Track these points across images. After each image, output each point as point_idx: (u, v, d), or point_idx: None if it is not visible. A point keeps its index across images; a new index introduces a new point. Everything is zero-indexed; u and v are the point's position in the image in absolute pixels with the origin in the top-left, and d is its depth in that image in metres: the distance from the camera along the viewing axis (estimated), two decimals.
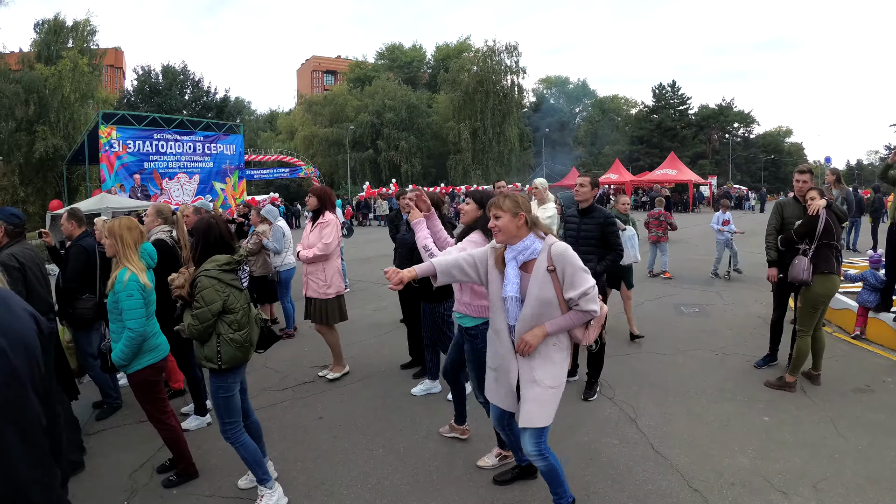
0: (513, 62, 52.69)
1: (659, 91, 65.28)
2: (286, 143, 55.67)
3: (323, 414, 5.11)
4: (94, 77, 36.37)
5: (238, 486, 3.92)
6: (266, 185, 44.23)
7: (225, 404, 3.58)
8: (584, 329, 3.05)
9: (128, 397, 5.22)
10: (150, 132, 26.21)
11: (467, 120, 50.60)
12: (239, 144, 29.86)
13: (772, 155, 67.18)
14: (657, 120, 63.06)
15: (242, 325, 3.57)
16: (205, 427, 4.91)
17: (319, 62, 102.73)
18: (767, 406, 4.90)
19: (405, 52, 66.47)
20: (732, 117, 66.28)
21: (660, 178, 39.23)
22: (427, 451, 4.31)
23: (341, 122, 52.44)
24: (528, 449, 3.13)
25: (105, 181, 24.38)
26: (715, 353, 6.39)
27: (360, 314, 8.61)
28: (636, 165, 55.18)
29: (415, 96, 55.96)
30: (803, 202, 5.30)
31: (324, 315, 5.73)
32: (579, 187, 5.23)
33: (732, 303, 8.95)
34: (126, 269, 3.79)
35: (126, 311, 3.72)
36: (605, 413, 4.86)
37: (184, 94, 51.94)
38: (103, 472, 4.18)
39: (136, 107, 46.00)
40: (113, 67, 68.55)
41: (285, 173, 40.28)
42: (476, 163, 50.62)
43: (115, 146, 24.64)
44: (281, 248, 7.75)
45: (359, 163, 51.73)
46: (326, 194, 5.96)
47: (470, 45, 60.00)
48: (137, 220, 6.14)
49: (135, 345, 3.77)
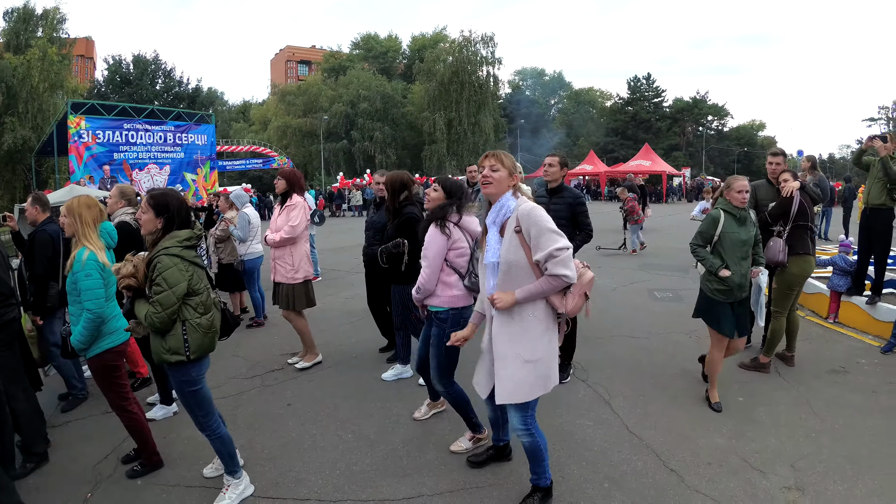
0: (489, 53, 52.63)
1: (634, 83, 65.86)
2: (259, 134, 54.94)
3: (292, 401, 4.98)
4: (64, 66, 35.65)
5: (203, 474, 3.79)
6: (239, 177, 43.74)
7: (194, 398, 3.36)
8: (561, 297, 2.85)
9: (94, 388, 5.00)
10: (120, 122, 25.74)
11: (442, 110, 50.36)
12: (210, 134, 29.41)
13: (745, 148, 68.08)
14: (632, 112, 63.68)
15: (208, 308, 3.29)
16: (171, 416, 4.75)
17: (294, 52, 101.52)
18: (742, 387, 4.89)
19: (381, 43, 65.88)
20: (706, 110, 67.11)
21: (634, 168, 39.45)
22: (398, 435, 4.21)
23: (315, 113, 51.81)
24: (514, 423, 3.05)
25: (74, 172, 23.88)
26: (689, 336, 6.40)
27: (332, 302, 8.51)
28: (611, 157, 55.65)
29: (390, 86, 55.53)
30: (776, 185, 5.30)
31: (291, 300, 5.59)
32: (548, 167, 5.18)
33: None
34: (85, 249, 3.64)
35: (84, 291, 3.56)
36: (579, 395, 4.80)
37: (155, 84, 51.27)
38: (67, 465, 4.05)
39: (107, 97, 45.21)
40: (83, 57, 67.08)
41: (258, 164, 39.67)
42: (451, 153, 50.48)
43: (84, 137, 24.18)
44: (245, 235, 7.52)
45: (333, 153, 51.29)
46: (295, 177, 5.79)
47: (446, 36, 59.76)
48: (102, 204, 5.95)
49: (94, 327, 3.60)
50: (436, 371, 3.81)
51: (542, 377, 2.92)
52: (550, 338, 2.93)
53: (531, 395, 2.93)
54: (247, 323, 7.56)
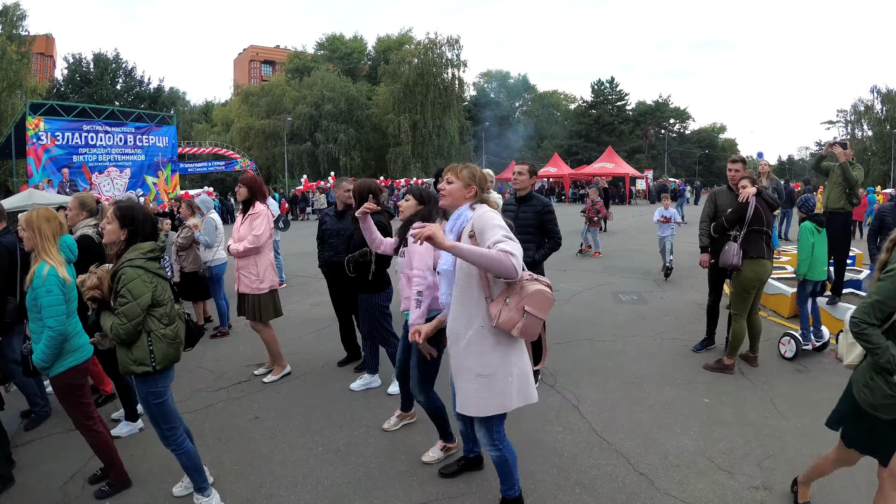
0: (454, 55, 52.74)
1: (598, 87, 66.87)
2: (222, 136, 54.04)
3: (259, 414, 4.90)
4: (23, 65, 34.85)
5: (173, 493, 3.70)
6: (200, 179, 42.96)
7: (159, 410, 3.33)
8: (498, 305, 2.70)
9: (57, 405, 4.82)
10: (80, 123, 25.11)
11: (407, 113, 50.32)
12: (172, 136, 28.87)
13: (706, 150, 69.66)
14: (595, 115, 64.66)
15: (172, 319, 3.30)
16: (136, 433, 4.64)
17: (258, 52, 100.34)
18: (707, 388, 4.98)
19: (345, 44, 65.50)
20: (669, 113, 68.59)
21: (597, 171, 40.02)
22: (368, 447, 4.18)
23: (279, 114, 51.23)
24: (480, 437, 3.05)
25: (32, 176, 23.16)
26: (654, 338, 6.49)
27: (297, 310, 8.42)
28: (574, 159, 56.30)
29: (354, 88, 55.29)
30: (736, 191, 5.41)
31: (257, 311, 5.49)
32: (517, 175, 5.23)
33: (669, 290, 9.15)
34: (45, 263, 3.53)
35: (45, 307, 3.45)
36: (548, 401, 4.81)
37: (116, 83, 50.29)
38: (34, 485, 3.93)
39: (66, 97, 44.06)
40: (43, 55, 65.11)
41: (220, 166, 39.05)
42: (416, 156, 50.47)
43: (42, 139, 23.55)
44: (213, 241, 7.39)
45: (296, 155, 50.74)
46: (256, 184, 5.68)
47: (411, 38, 59.70)
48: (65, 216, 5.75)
49: (56, 345, 3.50)
50: (417, 380, 3.79)
51: (498, 394, 2.82)
52: (504, 353, 2.80)
53: (483, 411, 2.86)
54: (211, 333, 7.39)
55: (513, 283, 2.70)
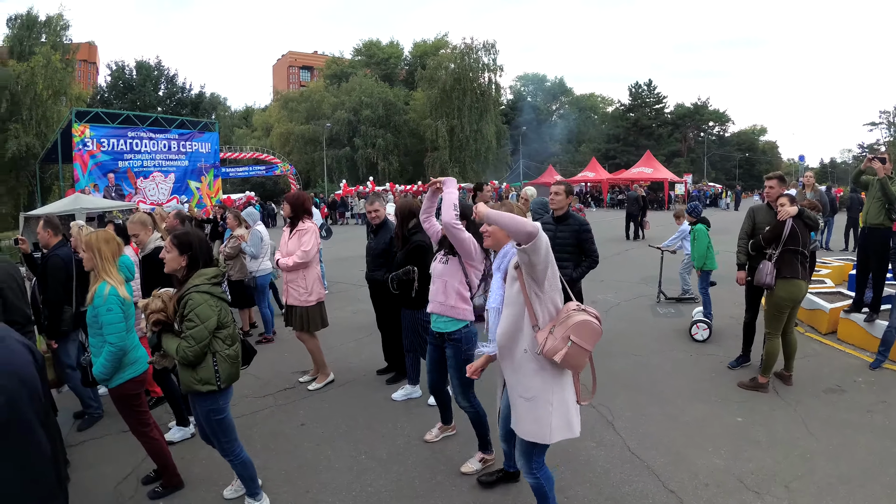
0: (490, 60, 52.79)
1: (635, 90, 66.14)
2: (262, 140, 55.14)
3: (305, 421, 5.12)
4: (68, 73, 35.92)
5: (224, 496, 3.91)
6: (242, 184, 43.81)
7: (220, 426, 3.52)
8: (545, 334, 2.75)
9: (109, 406, 5.12)
10: (125, 130, 25.97)
11: (444, 117, 50.52)
12: (214, 142, 29.65)
13: (746, 153, 68.30)
14: (633, 118, 63.92)
15: (234, 339, 3.49)
16: (188, 438, 4.87)
17: (296, 58, 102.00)
18: (741, 407, 5.00)
19: (382, 49, 66.13)
20: (707, 116, 67.40)
21: (636, 176, 39.60)
22: (410, 457, 4.35)
23: (318, 119, 52.02)
24: (519, 463, 3.15)
25: (79, 181, 24.10)
26: (689, 354, 6.51)
27: (338, 317, 8.57)
28: (612, 163, 55.76)
29: (392, 93, 55.72)
30: (775, 208, 5.42)
31: (305, 322, 5.72)
32: (554, 195, 5.37)
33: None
34: (105, 283, 3.74)
35: (106, 325, 3.68)
36: (582, 415, 4.72)
37: (158, 89, 51.39)
38: (89, 485, 4.14)
39: (110, 103, 45.39)
40: (86, 62, 67.32)
41: (261, 171, 39.83)
42: (453, 160, 50.55)
43: (88, 145, 24.43)
44: (258, 252, 7.70)
45: (335, 160, 51.40)
46: (300, 201, 5.90)
47: (447, 42, 59.89)
48: (113, 226, 6.10)
49: (116, 359, 3.72)
50: (459, 389, 3.96)
51: (536, 421, 2.86)
52: (545, 380, 2.84)
53: (524, 433, 2.93)
54: (256, 339, 7.70)
55: (559, 311, 2.79)
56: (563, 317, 2.75)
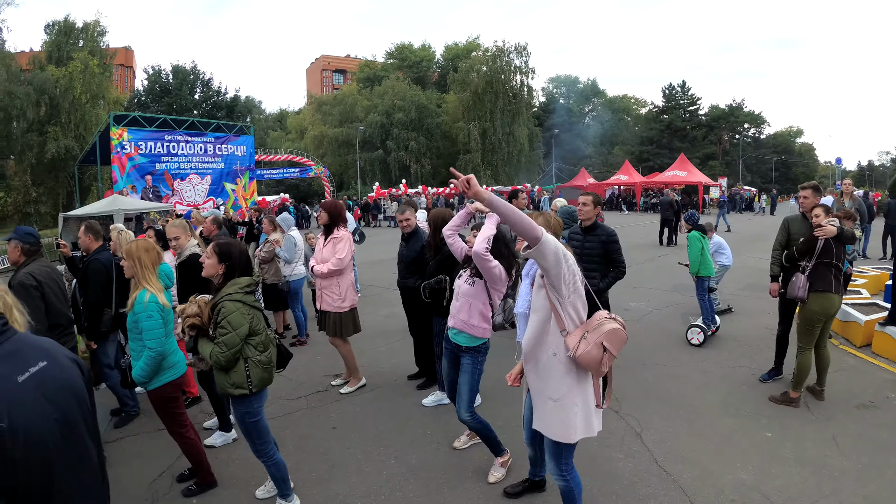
0: (522, 62, 52.80)
1: (669, 91, 65.31)
2: (296, 143, 55.82)
3: (337, 424, 5.24)
4: (105, 78, 36.87)
5: (256, 496, 4.04)
6: (276, 185, 44.45)
7: (254, 428, 3.66)
8: (577, 338, 2.88)
9: (145, 404, 5.30)
10: (161, 134, 26.59)
11: (477, 120, 50.58)
12: (249, 145, 30.15)
13: (782, 156, 66.92)
14: (667, 120, 63.08)
15: (266, 345, 3.62)
16: (230, 442, 4.99)
17: (329, 61, 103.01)
18: (771, 421, 4.96)
19: (414, 52, 66.44)
20: (743, 118, 66.12)
21: (670, 179, 39.00)
22: (438, 463, 4.43)
23: (351, 122, 52.54)
24: (549, 466, 3.24)
25: (117, 182, 24.76)
26: (721, 365, 6.45)
27: (371, 321, 8.65)
28: (646, 166, 55.15)
29: (424, 96, 55.93)
30: (810, 219, 5.36)
31: (338, 328, 5.86)
32: (582, 206, 5.40)
33: (740, 313, 8.90)
34: (145, 291, 3.90)
35: (146, 331, 3.84)
36: (612, 427, 4.91)
37: (194, 93, 52.39)
38: (124, 482, 4.29)
39: (147, 107, 46.43)
40: (123, 66, 69.09)
41: (295, 173, 40.36)
42: (486, 163, 50.58)
43: (126, 148, 25.05)
44: (292, 258, 7.88)
45: (368, 163, 51.81)
46: (337, 209, 6.03)
47: (479, 45, 60.04)
48: (153, 232, 6.31)
49: (154, 363, 3.88)
50: (465, 400, 4.06)
51: (563, 421, 3.00)
52: (571, 382, 2.98)
53: (552, 433, 3.06)
54: (290, 341, 7.89)
55: (591, 318, 2.94)
56: (595, 324, 2.91)
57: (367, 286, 11.91)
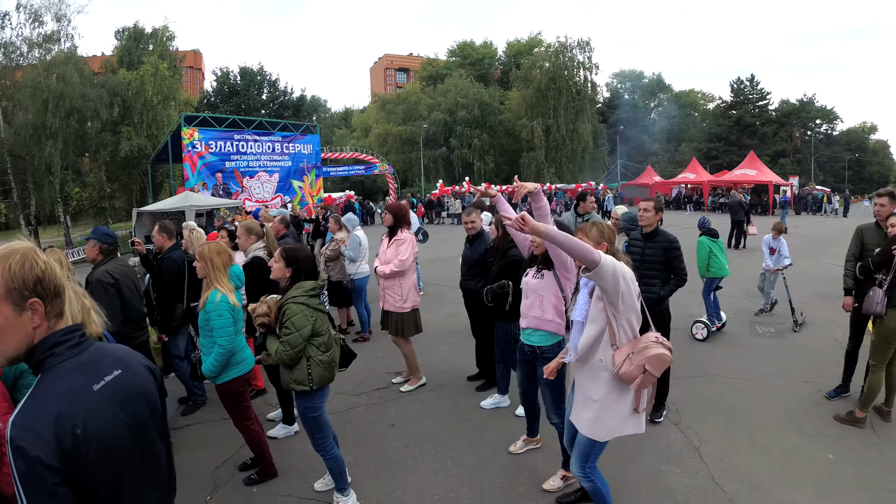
0: (585, 58, 51.65)
1: (737, 85, 62.57)
2: (361, 141, 56.55)
3: (396, 422, 5.37)
4: (175, 80, 38.31)
5: (314, 488, 4.23)
6: (342, 182, 45.25)
7: (315, 422, 3.84)
8: (624, 354, 3.00)
9: (211, 393, 5.61)
10: (231, 133, 27.64)
11: (540, 117, 49.95)
12: (316, 144, 30.96)
13: (856, 154, 63.40)
14: (736, 116, 60.51)
15: (329, 346, 3.80)
16: (291, 435, 5.22)
17: (392, 60, 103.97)
18: (834, 442, 4.76)
19: (476, 49, 66.26)
20: (814, 113, 62.56)
21: (738, 178, 37.64)
22: (494, 466, 4.48)
23: (414, 120, 52.88)
24: (574, 469, 3.34)
25: (188, 179, 25.88)
26: (787, 379, 6.21)
27: (433, 319, 8.74)
28: (714, 164, 53.32)
29: (487, 94, 55.66)
30: (885, 228, 5.14)
31: (400, 328, 6.01)
32: (643, 212, 5.29)
33: (810, 323, 8.49)
34: (217, 291, 4.13)
35: (216, 329, 4.08)
36: (670, 439, 4.88)
37: (261, 93, 53.74)
38: (188, 468, 4.53)
39: (216, 107, 48.15)
40: (192, 69, 71.90)
41: (360, 170, 41.11)
42: (549, 161, 49.89)
43: (197, 147, 26.19)
44: (356, 256, 8.10)
45: (432, 160, 52.00)
46: (402, 211, 6.16)
47: (541, 41, 59.25)
48: (226, 233, 6.61)
49: (224, 359, 4.13)
50: (551, 406, 4.07)
51: (596, 420, 3.14)
52: (611, 389, 3.10)
53: (586, 430, 3.18)
54: (353, 337, 8.14)
55: (639, 339, 3.03)
56: (641, 346, 3.00)
57: (429, 284, 12.02)
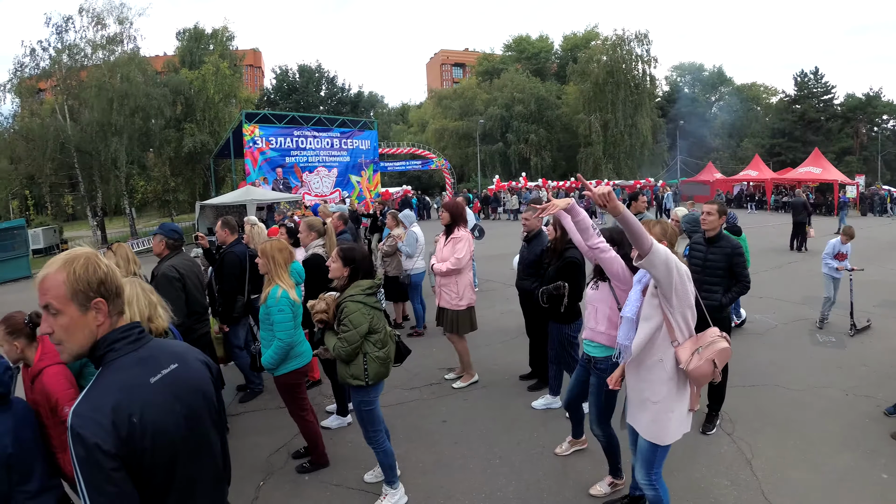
0: (643, 51, 50.22)
1: (801, 79, 59.37)
2: (417, 136, 56.90)
3: (447, 418, 5.48)
4: (236, 78, 39.80)
5: (364, 479, 4.39)
6: (399, 177, 45.68)
7: (369, 416, 3.99)
8: (689, 352, 3.00)
9: (268, 382, 5.85)
10: (290, 129, 28.42)
11: (598, 112, 48.97)
12: (373, 140, 31.49)
13: None
14: (800, 111, 57.46)
15: (385, 343, 3.93)
16: (344, 426, 5.40)
17: (448, 55, 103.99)
18: (889, 462, 4.50)
19: (532, 44, 65.57)
20: (881, 108, 58.44)
21: (803, 176, 35.89)
22: (541, 467, 4.50)
23: (471, 115, 52.78)
24: (638, 476, 3.32)
25: (249, 174, 26.74)
26: (846, 392, 5.91)
27: (488, 316, 8.76)
28: (777, 161, 51.05)
29: (543, 88, 55.08)
30: None
31: (455, 325, 6.11)
32: (706, 215, 5.16)
33: (872, 334, 8.04)
34: (278, 287, 4.31)
35: (277, 323, 4.27)
36: (722, 450, 4.75)
37: (319, 90, 55.05)
38: (244, 453, 4.75)
39: (276, 104, 49.69)
40: (252, 67, 74.06)
41: (417, 165, 41.45)
42: (607, 156, 48.89)
43: (258, 142, 27.03)
44: (413, 252, 8.27)
45: (488, 155, 51.85)
46: (458, 210, 6.25)
47: (598, 34, 58.03)
48: (286, 230, 6.86)
49: (283, 352, 4.32)
50: (595, 417, 4.01)
51: (656, 422, 3.13)
52: (671, 389, 3.09)
53: (647, 433, 3.17)
54: (408, 332, 8.34)
55: (703, 334, 3.07)
56: (708, 340, 3.04)
57: (485, 281, 12.02)
